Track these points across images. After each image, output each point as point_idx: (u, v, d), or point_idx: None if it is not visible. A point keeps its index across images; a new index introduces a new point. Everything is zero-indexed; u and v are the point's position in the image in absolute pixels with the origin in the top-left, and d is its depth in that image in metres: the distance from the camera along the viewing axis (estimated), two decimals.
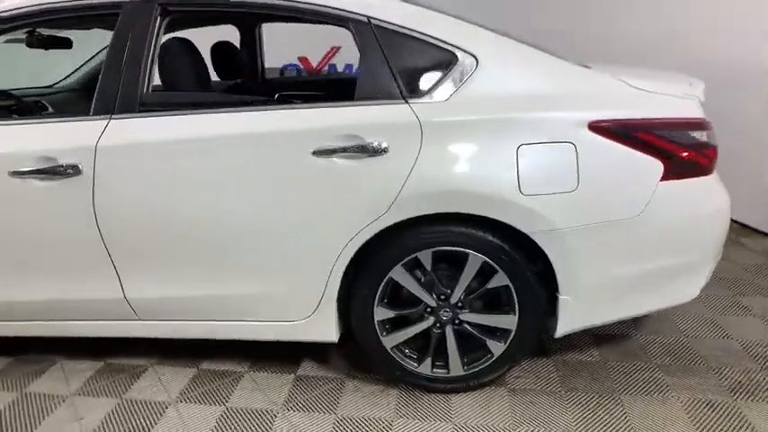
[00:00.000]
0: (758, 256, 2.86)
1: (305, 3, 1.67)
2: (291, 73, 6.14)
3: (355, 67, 5.26)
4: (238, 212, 1.65)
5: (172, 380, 1.95)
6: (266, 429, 1.70)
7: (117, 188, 1.65)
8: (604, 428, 1.66)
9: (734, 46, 3.08)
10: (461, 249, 1.65)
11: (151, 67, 1.69)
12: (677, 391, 1.82)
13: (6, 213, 1.70)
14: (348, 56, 5.86)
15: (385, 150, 1.57)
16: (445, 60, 1.65)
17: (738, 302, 2.38)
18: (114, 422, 1.74)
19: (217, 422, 1.73)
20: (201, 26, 2.34)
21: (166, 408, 1.80)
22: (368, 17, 1.66)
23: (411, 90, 1.63)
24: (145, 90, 1.67)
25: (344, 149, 1.57)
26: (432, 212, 1.60)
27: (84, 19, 1.86)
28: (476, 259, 1.65)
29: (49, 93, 2.83)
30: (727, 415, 1.71)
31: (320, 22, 1.74)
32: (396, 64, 1.64)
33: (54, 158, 1.63)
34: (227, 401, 1.83)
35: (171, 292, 1.76)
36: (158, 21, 1.69)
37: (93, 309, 1.82)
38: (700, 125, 1.65)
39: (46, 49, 2.35)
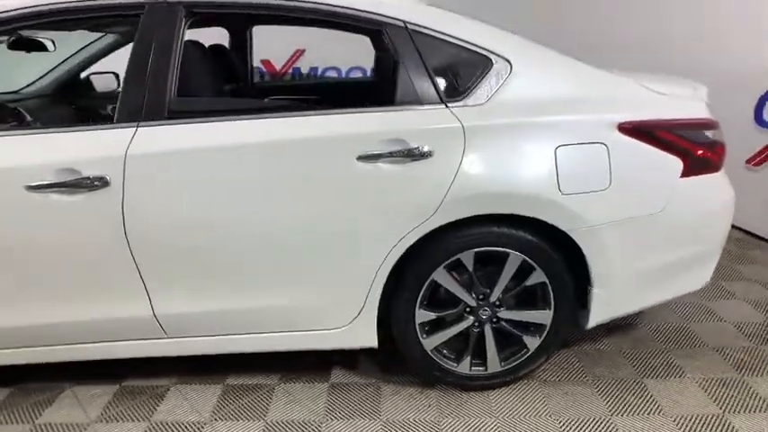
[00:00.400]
0: (730, 243, 3.11)
1: (337, 6, 1.65)
2: (255, 77, 6.00)
3: (345, 70, 5.20)
4: (279, 222, 1.60)
5: (199, 398, 1.86)
6: None
7: (148, 199, 1.55)
8: (638, 412, 1.77)
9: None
10: (502, 249, 1.70)
11: (177, 71, 1.61)
12: (691, 372, 1.96)
13: (24, 231, 1.56)
14: (313, 59, 5.80)
15: (430, 154, 1.58)
16: (481, 65, 1.68)
17: (722, 287, 2.59)
18: None
19: None
20: (209, 26, 2.25)
21: (202, 428, 1.73)
22: (404, 22, 1.67)
23: (449, 94, 1.66)
24: (172, 96, 1.59)
25: (390, 154, 1.57)
26: (476, 214, 1.63)
27: (98, 20, 1.74)
28: (516, 258, 1.71)
29: (19, 99, 2.61)
30: (739, 390, 1.86)
31: (353, 28, 1.72)
32: (433, 68, 1.66)
33: (77, 170, 1.51)
34: (265, 415, 1.77)
35: (204, 306, 1.68)
36: (183, 23, 1.62)
37: (118, 329, 1.71)
38: (711, 125, 1.79)
39: (28, 52, 2.17)
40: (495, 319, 1.80)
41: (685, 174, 1.73)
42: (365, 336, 1.77)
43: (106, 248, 1.58)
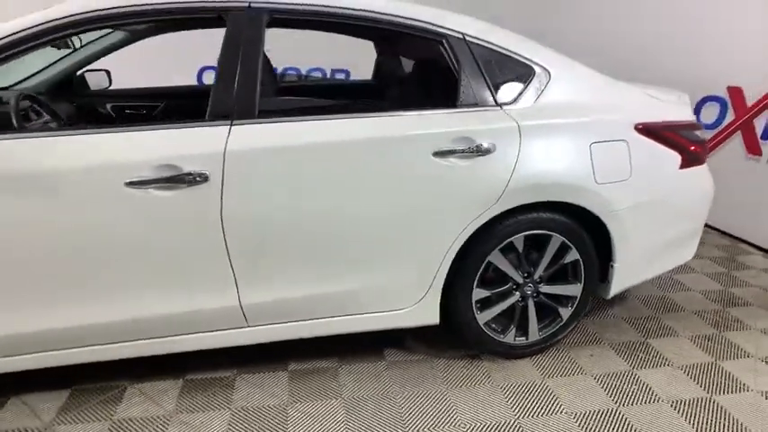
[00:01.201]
0: None
1: (405, 17, 1.84)
2: (210, 77, 5.89)
3: (305, 70, 5.25)
4: (362, 213, 1.75)
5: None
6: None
7: (244, 194, 1.64)
8: (652, 365, 2.11)
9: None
10: (546, 232, 1.97)
11: (262, 73, 1.71)
12: (682, 331, 2.36)
13: (121, 227, 1.58)
14: (274, 60, 5.80)
15: (493, 150, 1.81)
16: (526, 73, 1.94)
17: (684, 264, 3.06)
18: None
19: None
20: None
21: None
22: (463, 33, 1.89)
23: (502, 98, 1.90)
24: (260, 96, 1.69)
25: (463, 151, 1.78)
26: (529, 202, 1.89)
27: (185, 21, 1.78)
28: (557, 240, 1.98)
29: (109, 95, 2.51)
30: (723, 344, 2.27)
31: (416, 37, 1.90)
32: (488, 75, 1.89)
33: (177, 166, 1.57)
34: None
35: (287, 294, 1.79)
36: (264, 28, 1.72)
37: (204, 321, 1.76)
38: (698, 126, 2.18)
39: (58, 49, 2.13)
40: (536, 294, 2.07)
41: (682, 166, 2.10)
42: (429, 314, 1.96)
43: (202, 242, 1.65)
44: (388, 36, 1.96)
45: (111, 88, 2.76)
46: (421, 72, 2.07)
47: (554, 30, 4.33)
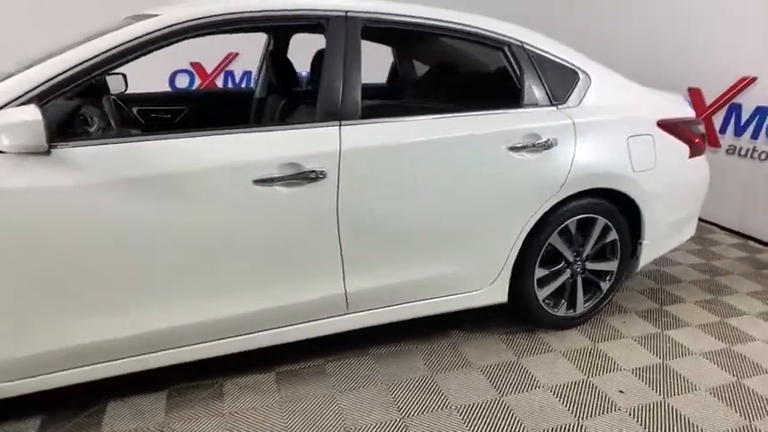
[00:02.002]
0: None
1: (474, 26, 2.05)
2: (184, 78, 5.78)
3: (253, 73, 5.27)
4: (453, 204, 1.95)
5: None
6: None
7: (355, 189, 1.77)
8: (677, 327, 2.46)
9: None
10: (593, 215, 2.25)
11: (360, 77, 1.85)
12: (687, 298, 2.75)
13: (250, 223, 1.66)
14: (247, 62, 5.77)
15: (555, 144, 2.07)
16: (572, 77, 2.22)
17: None
18: None
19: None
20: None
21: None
22: (521, 42, 2.13)
23: (555, 98, 2.16)
24: (360, 98, 1.83)
25: (533, 145, 2.02)
26: (583, 189, 2.16)
27: (283, 28, 1.86)
28: (601, 222, 2.27)
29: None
30: (723, 306, 2.68)
31: (481, 43, 2.12)
32: (544, 78, 2.15)
33: (299, 164, 1.68)
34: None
35: (386, 281, 1.93)
36: (360, 35, 1.86)
37: (308, 310, 1.86)
38: (700, 122, 2.57)
39: None
40: (583, 271, 2.35)
41: (690, 156, 2.47)
42: (500, 294, 2.18)
43: (319, 235, 1.76)
44: (460, 43, 2.15)
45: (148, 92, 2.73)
46: (489, 75, 2.28)
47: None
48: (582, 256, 2.31)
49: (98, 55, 1.52)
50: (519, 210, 2.07)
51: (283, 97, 2.44)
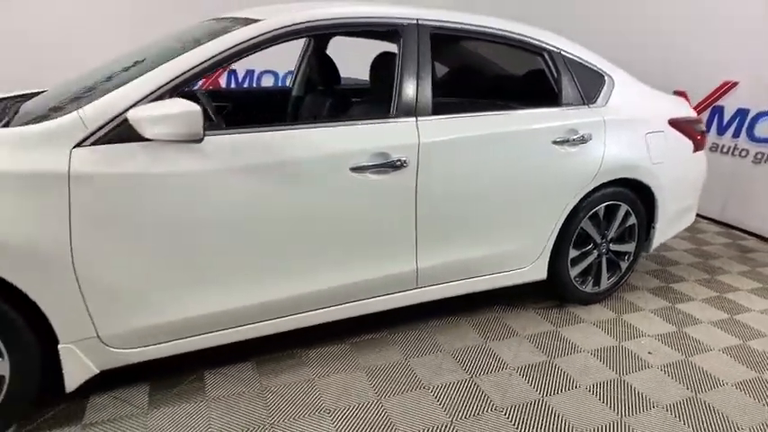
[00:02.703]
0: None
1: (519, 34, 2.32)
2: None
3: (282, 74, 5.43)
4: (508, 190, 2.21)
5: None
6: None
7: (432, 176, 2.00)
8: (686, 301, 2.80)
9: None
10: (617, 202, 2.56)
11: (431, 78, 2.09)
12: (688, 277, 3.10)
13: (345, 206, 1.87)
14: (250, 61, 5.90)
15: (590, 139, 2.36)
16: (599, 80, 2.52)
17: None
18: None
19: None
20: None
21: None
22: (558, 48, 2.41)
23: (586, 98, 2.46)
24: (432, 96, 2.07)
25: (573, 140, 2.31)
26: (611, 179, 2.46)
27: (366, 32, 2.09)
28: (623, 208, 2.58)
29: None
30: (720, 284, 3.04)
31: (525, 49, 2.39)
32: (578, 80, 2.44)
33: (387, 154, 1.90)
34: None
35: (451, 257, 2.18)
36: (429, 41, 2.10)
37: (383, 285, 2.08)
38: (701, 120, 2.93)
39: None
40: (607, 252, 2.65)
41: (693, 151, 2.82)
42: (540, 272, 2.46)
43: (399, 216, 1.99)
44: (507, 48, 2.41)
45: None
46: (532, 76, 2.55)
47: None
48: (606, 238, 2.62)
49: (218, 54, 1.71)
50: (561, 196, 2.35)
51: (328, 94, 2.64)
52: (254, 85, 6.14)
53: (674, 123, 2.70)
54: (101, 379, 1.74)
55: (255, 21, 1.83)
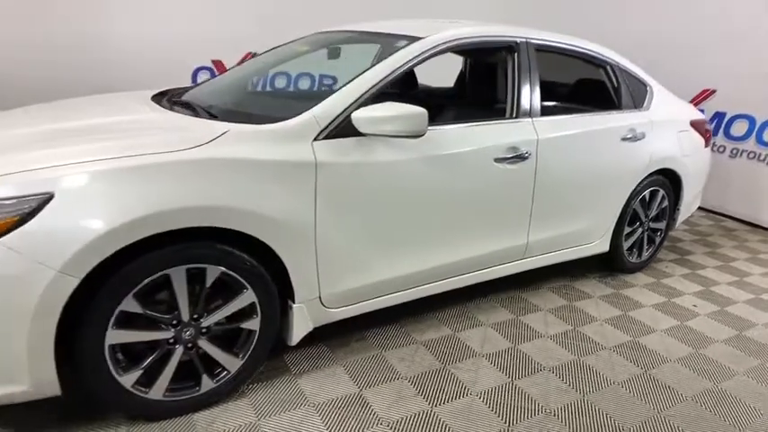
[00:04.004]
0: None
1: (589, 50, 2.86)
2: (206, 75, 5.99)
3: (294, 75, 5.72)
4: (592, 177, 2.73)
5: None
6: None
7: (544, 166, 2.47)
8: (701, 269, 3.45)
9: None
10: (657, 188, 3.15)
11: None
12: (697, 252, 3.78)
13: (489, 191, 2.31)
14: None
15: (643, 137, 2.94)
16: (643, 87, 3.11)
17: None
18: None
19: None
20: None
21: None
22: (616, 61, 2.97)
23: (637, 103, 3.03)
24: (537, 101, 2.54)
25: (633, 137, 2.87)
26: (656, 169, 3.05)
27: (490, 51, 2.53)
28: (661, 192, 3.19)
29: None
30: (722, 256, 3.74)
31: (594, 63, 2.92)
32: (630, 88, 3.01)
33: (517, 148, 2.35)
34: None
35: (551, 233, 2.67)
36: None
37: (503, 255, 2.52)
38: (708, 121, 3.60)
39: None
40: (647, 228, 3.24)
41: (704, 146, 3.48)
42: (605, 245, 3.01)
43: (522, 199, 2.45)
44: (581, 62, 2.93)
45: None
46: (599, 85, 3.07)
47: None
48: (648, 217, 3.21)
49: (400, 65, 2.09)
50: (626, 183, 2.91)
51: (478, 99, 3.01)
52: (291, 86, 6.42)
53: (693, 123, 3.34)
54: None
55: (419, 38, 2.22)
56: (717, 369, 2.31)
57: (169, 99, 2.34)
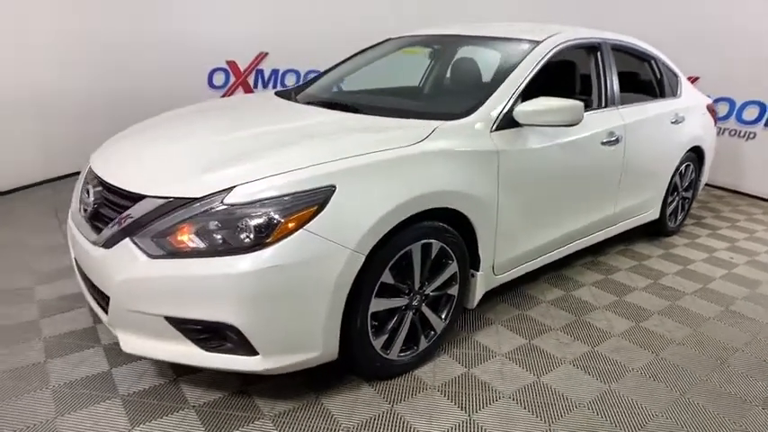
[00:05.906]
0: None
1: (641, 47, 3.37)
2: (220, 76, 6.03)
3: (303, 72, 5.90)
4: (654, 154, 3.24)
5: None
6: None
7: (629, 147, 2.93)
8: (722, 233, 4.09)
9: None
10: (689, 163, 3.74)
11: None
12: (709, 217, 4.44)
13: (599, 169, 2.74)
14: (275, 61, 6.23)
15: (683, 121, 3.49)
16: (676, 77, 3.68)
17: None
18: None
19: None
20: None
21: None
22: (658, 56, 3.51)
23: (674, 92, 3.59)
24: (618, 92, 3.01)
25: (677, 121, 3.42)
26: (691, 147, 3.62)
27: (581, 52, 2.94)
28: (691, 167, 3.78)
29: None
30: (726, 218, 4.41)
31: (642, 59, 3.42)
32: (668, 79, 3.56)
33: (613, 132, 2.80)
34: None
35: (626, 204, 3.15)
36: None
37: (600, 223, 2.97)
38: (713, 105, 4.25)
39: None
40: (681, 197, 3.83)
41: (713, 127, 4.12)
42: (656, 213, 3.55)
43: (616, 175, 2.92)
44: (634, 58, 3.43)
45: None
46: (647, 76, 3.57)
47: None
48: (683, 187, 3.80)
49: (533, 66, 2.46)
50: (674, 159, 3.47)
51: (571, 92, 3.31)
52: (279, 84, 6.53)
53: (708, 107, 3.96)
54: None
55: (538, 41, 2.59)
56: None
57: (317, 102, 2.58)
